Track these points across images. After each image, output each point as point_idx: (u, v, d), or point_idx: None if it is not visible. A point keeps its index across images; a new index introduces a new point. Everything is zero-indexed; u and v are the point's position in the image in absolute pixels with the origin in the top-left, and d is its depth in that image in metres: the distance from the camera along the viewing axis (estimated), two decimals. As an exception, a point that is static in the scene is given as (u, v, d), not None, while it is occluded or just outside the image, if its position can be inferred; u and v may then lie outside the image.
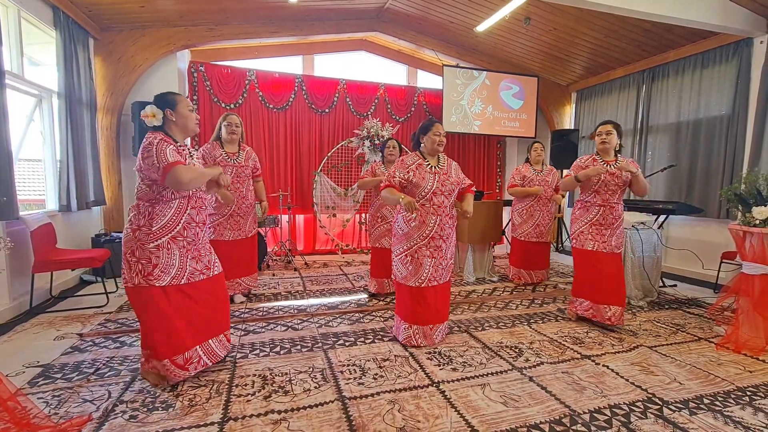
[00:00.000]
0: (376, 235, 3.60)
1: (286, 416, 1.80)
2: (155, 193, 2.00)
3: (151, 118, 2.01)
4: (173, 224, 2.04)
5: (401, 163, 2.62)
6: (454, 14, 5.18)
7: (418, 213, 2.52)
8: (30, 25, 3.67)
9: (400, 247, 2.61)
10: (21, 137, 3.62)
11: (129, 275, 1.98)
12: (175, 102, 2.06)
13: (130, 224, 2.01)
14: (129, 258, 1.98)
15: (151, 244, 1.97)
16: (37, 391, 1.98)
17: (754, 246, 2.65)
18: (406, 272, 2.58)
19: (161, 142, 1.95)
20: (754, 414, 1.89)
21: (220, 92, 5.31)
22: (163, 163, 1.90)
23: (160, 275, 1.98)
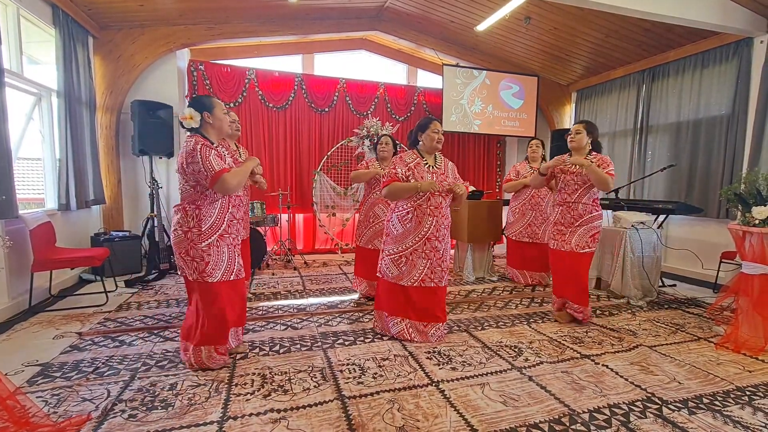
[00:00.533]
0: (369, 235, 3.40)
1: (285, 415, 1.80)
2: (199, 193, 2.13)
3: (188, 120, 2.09)
4: (219, 223, 2.18)
5: (400, 159, 2.60)
6: (455, 13, 5.17)
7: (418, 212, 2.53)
8: (29, 24, 3.66)
9: (395, 247, 2.59)
10: (20, 136, 3.62)
11: (189, 271, 2.15)
12: (212, 105, 2.17)
13: (180, 226, 2.12)
14: (184, 257, 2.13)
15: (203, 244, 2.11)
16: (36, 390, 1.98)
17: (753, 246, 2.65)
18: (398, 272, 2.59)
19: (203, 147, 2.06)
20: (753, 414, 1.89)
21: (220, 91, 5.31)
22: (210, 172, 2.03)
23: (212, 272, 2.13)
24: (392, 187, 2.52)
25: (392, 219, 2.63)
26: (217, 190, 2.09)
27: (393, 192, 2.54)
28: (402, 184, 2.50)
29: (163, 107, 4.58)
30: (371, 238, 3.39)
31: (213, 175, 2.02)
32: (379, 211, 3.39)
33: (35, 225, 3.18)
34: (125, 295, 3.61)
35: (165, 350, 2.45)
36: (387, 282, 2.65)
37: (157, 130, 4.50)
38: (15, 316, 3.02)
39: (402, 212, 2.58)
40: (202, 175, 2.04)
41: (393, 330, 2.65)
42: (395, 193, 2.54)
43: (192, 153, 2.03)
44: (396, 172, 2.53)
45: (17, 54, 3.40)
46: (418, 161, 2.58)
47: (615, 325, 3.03)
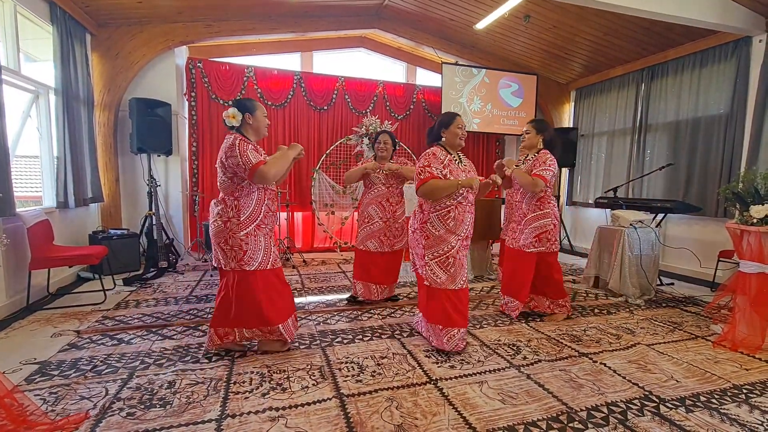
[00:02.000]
0: (362, 236, 3.28)
1: (283, 413, 1.80)
2: (236, 185, 2.24)
3: (231, 119, 2.24)
4: (257, 214, 2.30)
5: (433, 156, 2.43)
6: (454, 11, 5.16)
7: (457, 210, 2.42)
8: (26, 20, 3.64)
9: (438, 249, 2.41)
10: (17, 133, 3.60)
11: (225, 261, 2.26)
12: (254, 108, 2.31)
13: (219, 217, 2.25)
14: (223, 247, 2.25)
15: (241, 233, 2.23)
16: (34, 388, 1.97)
17: (751, 244, 2.66)
18: (446, 276, 2.40)
19: (241, 142, 2.19)
20: (750, 411, 1.90)
21: (219, 89, 5.29)
22: (248, 164, 2.15)
23: (249, 260, 2.25)
24: (431, 185, 2.35)
25: (430, 220, 2.44)
26: (256, 181, 2.21)
27: (432, 190, 2.36)
28: (442, 182, 2.36)
29: (161, 105, 4.56)
30: (364, 239, 3.28)
31: (251, 167, 2.15)
32: (372, 211, 3.26)
33: (33, 223, 3.17)
34: (123, 293, 3.61)
35: (163, 348, 2.45)
36: (436, 291, 2.44)
37: (156, 127, 4.49)
38: (13, 314, 3.01)
39: (442, 212, 2.41)
40: (241, 168, 2.16)
41: (448, 345, 2.42)
42: (435, 191, 2.37)
43: (231, 148, 2.17)
44: (429, 169, 2.37)
45: (14, 51, 3.38)
46: (450, 158, 2.47)
47: (613, 324, 3.04)
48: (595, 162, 6.10)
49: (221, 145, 2.25)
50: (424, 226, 2.47)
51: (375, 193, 3.24)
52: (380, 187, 3.24)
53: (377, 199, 3.24)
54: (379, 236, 3.23)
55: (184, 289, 3.74)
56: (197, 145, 5.31)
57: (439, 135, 2.53)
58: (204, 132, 5.32)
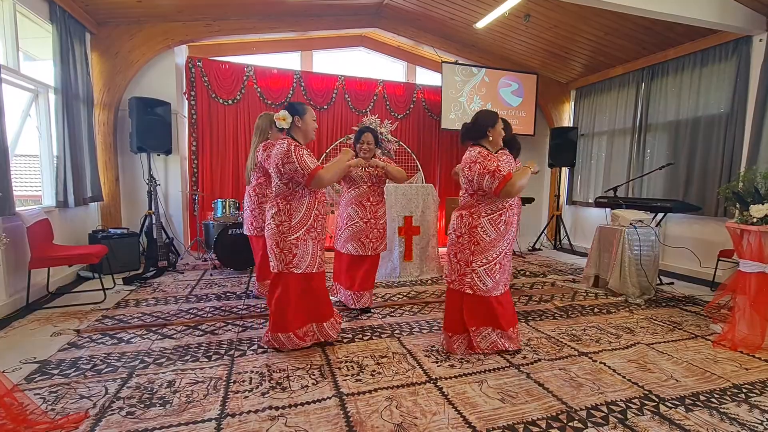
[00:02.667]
0: (342, 239, 3.11)
1: (283, 412, 1.80)
2: (290, 190, 2.33)
3: (281, 121, 2.32)
4: (307, 218, 2.37)
5: (495, 157, 2.32)
6: (454, 10, 5.16)
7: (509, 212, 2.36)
8: (26, 19, 3.63)
9: (487, 256, 2.31)
10: (17, 133, 3.59)
11: (275, 263, 2.34)
12: (304, 111, 2.37)
13: (273, 220, 2.33)
14: (274, 249, 2.33)
15: (292, 237, 2.32)
16: (34, 387, 1.97)
17: (751, 244, 2.66)
18: (492, 282, 2.33)
19: (296, 148, 2.26)
20: (749, 411, 1.90)
21: (218, 88, 5.29)
22: (306, 170, 2.23)
23: (298, 263, 2.33)
24: (515, 182, 2.20)
25: (481, 224, 2.31)
26: (313, 186, 2.29)
27: (517, 187, 2.21)
28: (521, 176, 2.24)
29: (161, 104, 4.56)
30: (344, 241, 3.09)
31: (309, 173, 2.22)
32: (353, 211, 3.05)
33: (32, 222, 3.16)
34: (123, 292, 3.61)
35: (163, 348, 2.45)
36: (480, 297, 2.36)
37: (155, 127, 4.49)
38: (12, 313, 3.01)
39: (494, 215, 2.32)
40: (299, 173, 2.23)
41: (483, 344, 2.42)
42: (520, 187, 2.23)
43: (287, 154, 2.23)
44: (501, 168, 2.24)
45: (14, 50, 3.38)
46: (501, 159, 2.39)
47: (613, 323, 3.04)
48: (595, 161, 6.10)
49: (274, 150, 2.33)
50: (474, 230, 2.32)
51: (356, 192, 3.07)
52: (362, 186, 3.06)
53: (358, 199, 3.06)
54: (359, 238, 3.04)
55: (184, 289, 3.74)
56: (197, 145, 5.31)
57: (485, 133, 2.40)
58: (204, 131, 5.32)
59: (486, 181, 2.25)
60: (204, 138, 5.32)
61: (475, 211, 2.34)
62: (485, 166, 2.25)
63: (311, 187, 2.29)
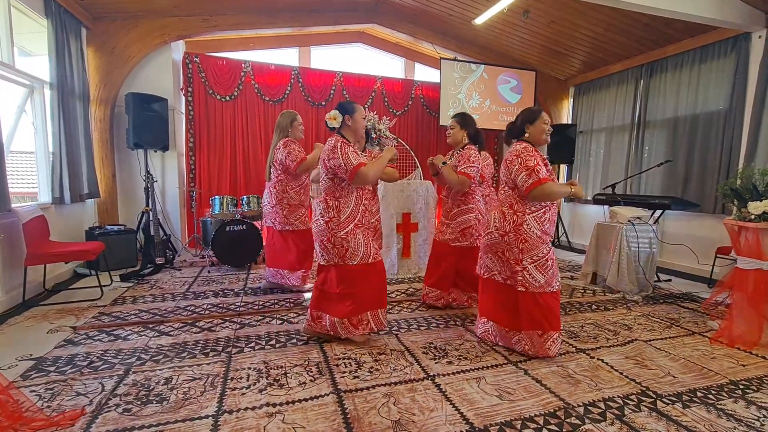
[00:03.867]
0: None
1: (281, 409, 1.80)
2: (337, 185, 2.39)
3: (332, 120, 2.39)
4: (355, 213, 2.43)
5: (537, 154, 2.29)
6: (453, 6, 5.13)
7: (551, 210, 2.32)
8: (21, 14, 3.60)
9: (537, 252, 2.28)
10: (12, 129, 3.56)
11: (328, 257, 2.41)
12: (354, 110, 2.43)
13: (321, 216, 2.40)
14: (326, 244, 2.39)
15: (342, 232, 2.37)
16: (30, 384, 1.96)
17: (749, 241, 2.66)
18: (545, 279, 2.28)
19: (343, 144, 2.32)
20: (746, 407, 1.91)
21: (216, 84, 5.26)
22: (349, 166, 2.27)
23: (352, 256, 2.38)
24: (548, 189, 2.20)
25: (526, 221, 2.27)
26: (356, 183, 2.34)
27: (549, 194, 2.22)
28: (557, 187, 2.24)
29: (157, 100, 4.53)
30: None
31: (352, 169, 2.27)
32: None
33: (28, 218, 3.14)
34: (120, 289, 3.59)
35: (160, 345, 2.44)
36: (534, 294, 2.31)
37: (152, 123, 4.46)
38: (9, 310, 3.00)
39: (538, 212, 2.28)
40: (342, 169, 2.29)
41: (552, 350, 2.35)
42: (550, 195, 2.23)
43: (333, 149, 2.30)
44: (539, 170, 2.21)
45: (8, 45, 3.34)
46: (542, 156, 2.32)
47: (610, 320, 3.04)
48: (594, 158, 6.10)
49: (324, 147, 2.40)
50: (520, 228, 2.29)
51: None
52: None
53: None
54: None
55: (181, 285, 3.73)
56: (194, 141, 5.29)
57: (523, 130, 2.36)
58: (201, 127, 5.29)
59: (521, 178, 2.23)
60: (201, 134, 5.29)
61: (519, 209, 2.30)
62: (526, 161, 2.23)
63: (354, 183, 2.34)
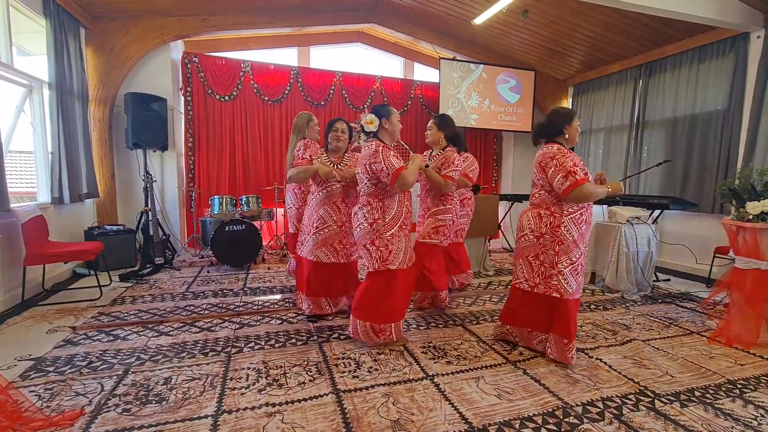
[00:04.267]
0: (311, 245, 2.78)
1: (280, 409, 1.80)
2: (380, 189, 2.39)
3: (369, 124, 2.40)
4: (399, 215, 2.44)
5: (571, 155, 2.23)
6: (452, 6, 5.13)
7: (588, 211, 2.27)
8: (19, 14, 3.59)
9: (572, 256, 2.23)
10: (11, 128, 3.56)
11: (370, 262, 2.39)
12: (390, 113, 2.44)
13: (365, 219, 2.39)
14: (369, 247, 2.39)
15: (387, 234, 2.38)
16: (29, 385, 1.97)
17: (747, 241, 2.67)
18: (576, 285, 2.25)
19: (384, 149, 2.33)
20: (744, 406, 1.91)
21: (215, 84, 5.26)
22: (391, 169, 2.28)
23: (393, 259, 2.38)
24: (586, 190, 2.16)
25: (564, 223, 2.23)
26: (397, 186, 2.33)
27: (587, 196, 2.18)
28: (596, 187, 2.20)
29: (156, 100, 4.53)
30: (314, 248, 2.78)
31: (394, 173, 2.28)
32: (325, 213, 2.77)
33: (27, 218, 3.14)
34: (119, 289, 3.59)
35: (159, 345, 2.44)
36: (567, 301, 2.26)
37: (151, 123, 4.46)
38: (8, 310, 2.99)
39: (575, 214, 2.24)
40: (384, 173, 2.30)
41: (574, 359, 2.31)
42: (589, 197, 2.19)
43: (375, 154, 2.31)
44: (576, 171, 2.17)
45: (7, 44, 3.34)
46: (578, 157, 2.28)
47: (609, 319, 3.05)
48: (593, 158, 6.10)
49: (363, 152, 2.41)
50: (557, 230, 2.24)
51: (328, 192, 2.79)
52: (334, 184, 2.79)
53: (331, 199, 2.78)
54: (332, 243, 2.78)
55: (181, 285, 3.73)
56: (193, 141, 5.28)
57: (561, 131, 2.31)
58: (200, 127, 5.29)
59: (557, 180, 2.19)
60: (200, 134, 5.29)
61: (556, 210, 2.26)
62: (562, 163, 2.19)
63: (395, 187, 2.34)
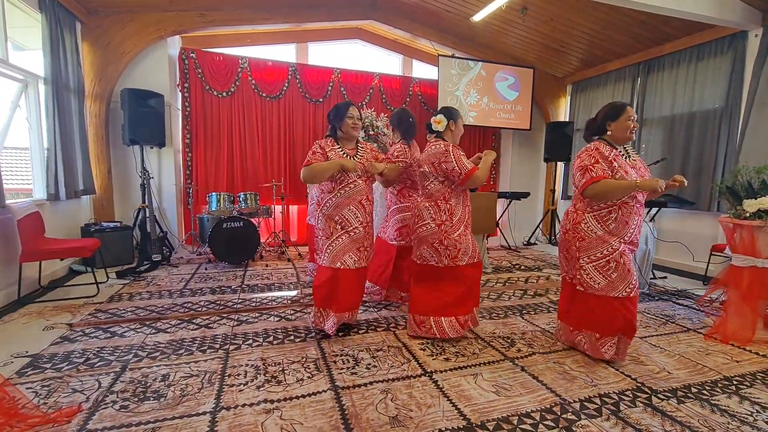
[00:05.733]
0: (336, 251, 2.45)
1: (278, 405, 1.80)
2: (447, 188, 2.46)
3: (437, 124, 2.50)
4: (464, 215, 2.53)
5: (597, 152, 2.18)
6: (451, 3, 5.12)
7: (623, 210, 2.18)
8: (14, 8, 3.55)
9: (596, 252, 2.20)
10: (6, 124, 3.53)
11: (438, 259, 2.48)
12: (458, 117, 2.56)
13: (433, 220, 2.46)
14: (438, 247, 2.45)
15: (455, 234, 2.45)
16: (26, 381, 1.96)
17: (743, 238, 2.68)
18: (606, 282, 2.20)
19: (454, 149, 2.42)
20: (740, 402, 1.93)
21: (212, 80, 5.23)
22: (464, 170, 2.38)
23: (462, 257, 2.47)
24: (604, 185, 2.09)
25: (585, 220, 2.22)
26: (468, 185, 2.44)
27: (605, 192, 2.11)
28: (616, 182, 2.10)
29: (153, 96, 4.49)
30: (340, 253, 2.45)
31: (467, 173, 2.36)
32: (351, 214, 2.48)
33: (23, 215, 3.12)
34: (116, 286, 3.58)
35: (157, 342, 2.44)
36: (593, 296, 2.24)
37: (148, 119, 4.43)
38: (4, 307, 2.98)
39: (601, 212, 2.19)
40: (455, 173, 2.37)
41: (608, 354, 2.25)
42: (608, 193, 2.12)
43: (445, 153, 2.39)
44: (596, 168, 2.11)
45: (2, 39, 3.30)
46: (617, 153, 2.19)
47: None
48: (591, 156, 6.10)
49: (427, 151, 2.47)
50: (577, 226, 2.25)
51: (351, 190, 2.49)
52: (357, 181, 2.50)
53: (356, 198, 2.49)
54: (357, 247, 2.51)
55: (178, 282, 3.72)
56: (191, 137, 5.25)
57: (604, 128, 2.25)
58: (198, 124, 5.26)
59: (576, 177, 2.21)
60: (198, 131, 5.26)
61: (580, 207, 2.27)
62: (582, 161, 2.20)
63: (465, 186, 2.44)
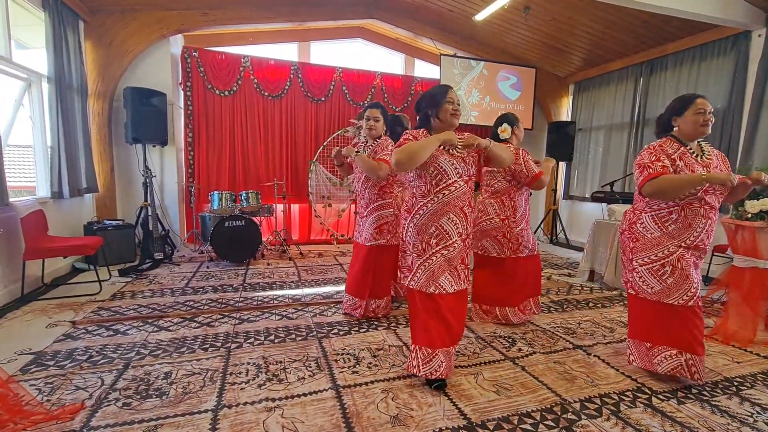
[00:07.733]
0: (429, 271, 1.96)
1: (280, 404, 1.81)
2: (512, 186, 2.69)
3: (503, 133, 2.70)
4: (525, 211, 2.78)
5: (661, 150, 2.03)
6: (453, 2, 5.11)
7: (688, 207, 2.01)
8: (17, 6, 3.57)
9: (649, 254, 2.07)
10: (10, 122, 3.55)
11: (500, 250, 2.75)
12: (518, 123, 2.75)
13: (497, 214, 2.71)
14: (501, 239, 2.73)
15: (517, 228, 2.71)
16: (30, 378, 1.97)
17: (745, 239, 2.68)
18: (660, 287, 2.05)
19: (524, 152, 2.65)
20: (740, 403, 1.93)
21: (214, 78, 5.23)
22: (531, 173, 2.61)
23: (523, 249, 2.75)
24: (662, 181, 1.93)
25: (641, 220, 2.12)
26: (534, 186, 2.66)
27: (665, 188, 1.94)
28: (677, 177, 1.94)
29: (156, 94, 4.51)
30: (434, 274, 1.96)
31: (534, 175, 2.60)
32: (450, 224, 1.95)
33: (26, 213, 3.14)
34: (119, 284, 3.60)
35: (159, 340, 2.45)
36: (645, 301, 2.11)
37: (151, 117, 4.44)
38: (7, 304, 3.00)
39: (661, 212, 2.06)
40: (523, 174, 2.60)
41: (661, 367, 2.08)
42: (669, 189, 1.94)
43: (516, 155, 2.60)
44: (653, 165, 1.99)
45: (5, 38, 3.31)
46: (684, 150, 2.02)
47: (607, 317, 3.06)
48: (593, 156, 6.11)
49: None
50: (633, 227, 2.15)
51: (452, 193, 1.94)
52: (458, 182, 1.95)
53: (457, 203, 1.96)
54: (455, 265, 2.00)
55: (180, 281, 3.74)
56: (193, 136, 5.27)
57: (670, 124, 2.10)
58: (200, 122, 5.27)
59: (635, 176, 2.09)
60: (200, 129, 5.27)
61: (638, 207, 2.17)
62: (643, 158, 2.06)
63: (532, 187, 2.67)
